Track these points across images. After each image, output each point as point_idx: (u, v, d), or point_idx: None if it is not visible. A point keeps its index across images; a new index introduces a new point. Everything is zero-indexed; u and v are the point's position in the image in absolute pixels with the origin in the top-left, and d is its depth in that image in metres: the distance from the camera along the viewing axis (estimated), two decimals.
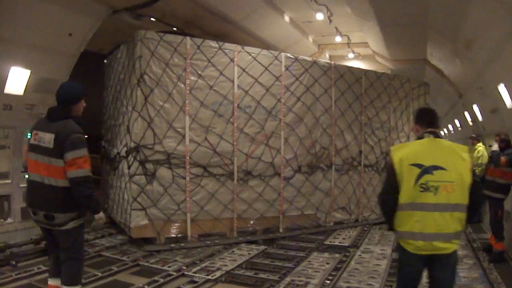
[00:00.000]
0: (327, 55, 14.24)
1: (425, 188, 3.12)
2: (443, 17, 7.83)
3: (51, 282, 4.07)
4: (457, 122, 14.82)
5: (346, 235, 8.50)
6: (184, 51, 7.09)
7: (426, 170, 3.14)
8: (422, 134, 3.38)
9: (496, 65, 6.92)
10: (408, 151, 3.27)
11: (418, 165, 3.16)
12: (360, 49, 14.28)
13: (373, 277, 5.85)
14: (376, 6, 8.26)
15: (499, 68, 6.91)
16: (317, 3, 10.31)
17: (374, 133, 9.86)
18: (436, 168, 3.13)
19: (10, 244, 6.56)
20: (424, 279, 3.45)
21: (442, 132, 19.85)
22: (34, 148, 3.84)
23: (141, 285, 5.26)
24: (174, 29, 9.65)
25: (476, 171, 9.38)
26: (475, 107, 10.14)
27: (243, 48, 7.73)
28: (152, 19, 9.70)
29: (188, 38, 7.19)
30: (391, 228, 3.43)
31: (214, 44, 7.42)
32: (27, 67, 6.50)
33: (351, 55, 15.00)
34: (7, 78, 6.41)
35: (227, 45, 7.55)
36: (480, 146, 9.78)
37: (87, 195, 3.74)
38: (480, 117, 10.05)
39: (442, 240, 3.14)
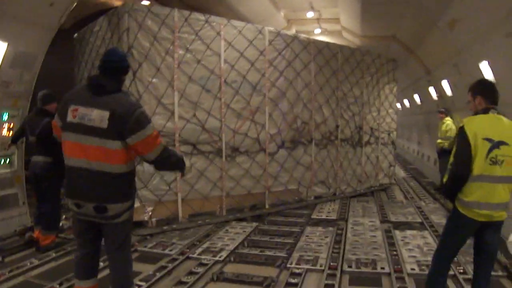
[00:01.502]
0: (294, 30, 14.18)
1: (494, 162, 3.33)
2: None
3: (85, 284, 3.42)
4: (416, 97, 15.37)
5: (329, 209, 8.69)
6: (171, 24, 6.73)
7: (495, 144, 3.32)
8: (486, 109, 3.50)
9: (481, 43, 7.20)
10: (479, 125, 3.40)
11: (489, 140, 3.32)
12: (328, 25, 14.34)
13: (376, 248, 6.04)
14: None
15: (483, 47, 7.19)
16: None
17: (349, 108, 10.02)
18: (503, 143, 3.33)
19: None
20: None
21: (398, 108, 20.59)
22: (75, 128, 3.16)
23: (151, 272, 5.00)
24: (146, 2, 9.15)
25: (445, 144, 9.88)
26: (444, 83, 10.53)
27: (229, 22, 7.48)
28: None
29: (176, 10, 6.82)
30: (452, 199, 3.56)
31: (201, 16, 7.11)
32: (4, 40, 5.82)
33: (317, 31, 15.01)
34: None
35: (213, 18, 7.27)
36: (448, 120, 10.22)
37: (176, 162, 3.51)
38: (449, 93, 10.46)
39: (500, 209, 3.43)
